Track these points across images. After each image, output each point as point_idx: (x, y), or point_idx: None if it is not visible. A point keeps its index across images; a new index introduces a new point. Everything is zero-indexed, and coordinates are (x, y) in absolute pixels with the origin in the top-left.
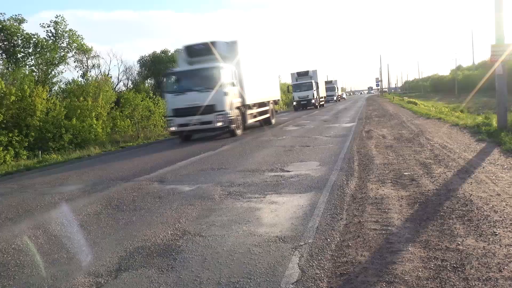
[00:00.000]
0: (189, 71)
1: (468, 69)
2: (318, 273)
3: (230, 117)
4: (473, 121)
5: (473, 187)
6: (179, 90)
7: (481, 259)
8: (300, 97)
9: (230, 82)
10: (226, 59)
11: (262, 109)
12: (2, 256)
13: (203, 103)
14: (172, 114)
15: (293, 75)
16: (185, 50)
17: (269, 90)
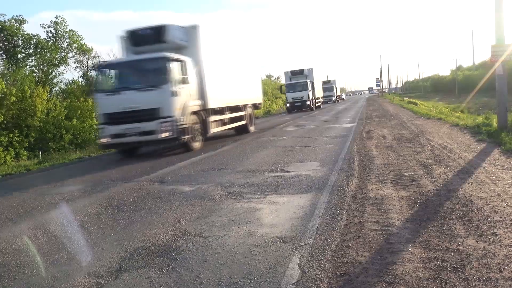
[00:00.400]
0: (125, 63)
1: (469, 69)
2: (318, 273)
3: (182, 125)
4: (474, 121)
5: (473, 188)
6: (112, 88)
7: (481, 260)
8: (294, 98)
9: (182, 78)
10: (182, 50)
11: (236, 114)
12: (3, 257)
13: (143, 106)
14: (103, 120)
15: (286, 74)
16: (128, 37)
17: (246, 92)
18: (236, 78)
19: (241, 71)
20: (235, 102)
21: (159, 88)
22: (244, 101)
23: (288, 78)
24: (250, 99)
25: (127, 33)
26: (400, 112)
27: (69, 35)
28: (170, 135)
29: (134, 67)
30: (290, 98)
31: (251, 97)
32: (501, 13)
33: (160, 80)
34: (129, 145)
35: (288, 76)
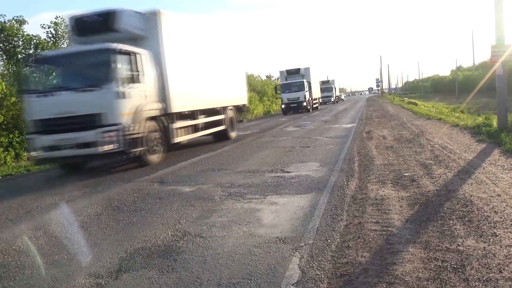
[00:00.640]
0: (63, 57)
1: (469, 69)
2: (318, 274)
3: (131, 134)
4: (474, 121)
5: (473, 188)
6: (46, 88)
7: (481, 260)
8: (289, 99)
9: (133, 76)
10: (140, 40)
11: (212, 118)
12: (3, 257)
13: (81, 111)
14: (34, 129)
15: (282, 73)
16: (72, 25)
17: (225, 92)
18: (212, 76)
19: (219, 68)
20: (211, 104)
21: (101, 89)
22: (223, 103)
23: (284, 78)
24: (231, 100)
25: (70, 21)
26: (400, 113)
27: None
28: (114, 148)
29: (73, 62)
30: (286, 98)
31: (233, 98)
32: (501, 14)
33: (102, 78)
34: (65, 160)
35: (284, 75)
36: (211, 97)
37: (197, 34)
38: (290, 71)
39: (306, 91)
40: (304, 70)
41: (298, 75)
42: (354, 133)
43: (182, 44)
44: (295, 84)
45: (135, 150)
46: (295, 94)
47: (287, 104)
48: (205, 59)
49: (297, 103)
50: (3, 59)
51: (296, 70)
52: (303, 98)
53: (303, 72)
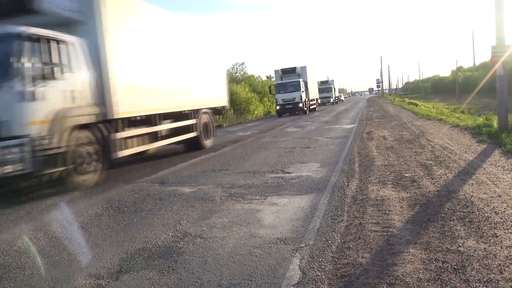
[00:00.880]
0: None
1: (469, 70)
2: (319, 275)
3: (45, 150)
4: (474, 122)
5: (474, 189)
6: None
7: (482, 261)
8: (284, 100)
9: (52, 69)
10: (74, 26)
11: (178, 124)
12: (3, 258)
13: None
14: None
15: (277, 72)
16: None
17: (198, 91)
18: (178, 73)
19: (188, 64)
20: (177, 106)
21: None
22: (195, 105)
23: (279, 77)
24: (206, 101)
25: None
26: (400, 113)
27: None
28: (17, 170)
29: None
30: (280, 99)
31: (208, 99)
32: (501, 14)
33: (2, 73)
34: None
35: (279, 75)
36: (177, 97)
37: (157, 21)
38: (286, 70)
39: (303, 91)
40: (300, 69)
41: (294, 74)
42: (354, 133)
43: (134, 34)
44: (290, 84)
45: (51, 171)
46: (290, 94)
47: (282, 106)
48: (168, 53)
49: (292, 104)
50: None
51: (292, 69)
52: (299, 98)
53: (299, 71)
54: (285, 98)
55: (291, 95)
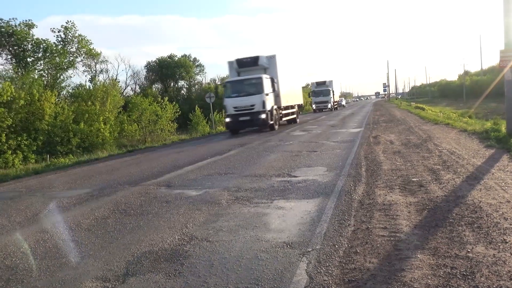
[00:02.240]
0: None
1: (476, 74)
2: (326, 279)
3: None
4: (482, 127)
5: (482, 194)
6: None
7: (491, 267)
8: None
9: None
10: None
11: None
12: (11, 260)
13: None
14: None
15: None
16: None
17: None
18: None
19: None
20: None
21: None
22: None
23: (234, 72)
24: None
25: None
26: (407, 117)
27: (78, 40)
28: None
29: None
30: (231, 107)
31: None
32: (510, 18)
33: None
34: None
35: (234, 68)
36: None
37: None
38: (244, 61)
39: (267, 94)
40: (266, 60)
41: (256, 67)
42: (361, 137)
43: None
44: (247, 83)
45: None
46: (247, 99)
47: (233, 117)
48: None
49: (250, 115)
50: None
51: (253, 60)
52: (261, 106)
53: (264, 63)
54: (238, 105)
55: (247, 100)
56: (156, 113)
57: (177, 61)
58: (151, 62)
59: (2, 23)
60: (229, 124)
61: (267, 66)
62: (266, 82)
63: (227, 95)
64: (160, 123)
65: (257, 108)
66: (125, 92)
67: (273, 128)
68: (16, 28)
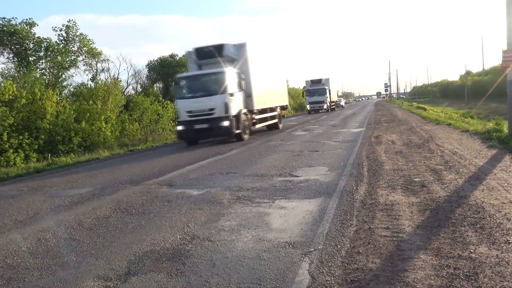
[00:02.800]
0: None
1: (478, 74)
2: (328, 280)
3: None
4: (484, 127)
5: (485, 194)
6: None
7: (494, 268)
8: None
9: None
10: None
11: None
12: (12, 259)
13: None
14: None
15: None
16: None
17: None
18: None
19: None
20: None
21: None
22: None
23: (194, 65)
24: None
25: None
26: (409, 117)
27: (80, 39)
28: None
29: None
30: (184, 113)
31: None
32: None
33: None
34: None
35: (193, 60)
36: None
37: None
38: (204, 50)
39: (231, 94)
40: (234, 50)
41: (220, 60)
42: (362, 137)
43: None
44: (205, 79)
45: None
46: (203, 101)
47: (187, 124)
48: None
49: (208, 122)
50: (14, 62)
51: (216, 50)
52: (222, 110)
53: (231, 55)
54: (193, 108)
55: (205, 103)
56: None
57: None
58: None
59: (4, 21)
60: (181, 133)
61: (235, 57)
62: (231, 78)
63: (179, 96)
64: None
65: (218, 112)
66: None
67: (240, 138)
68: (18, 27)
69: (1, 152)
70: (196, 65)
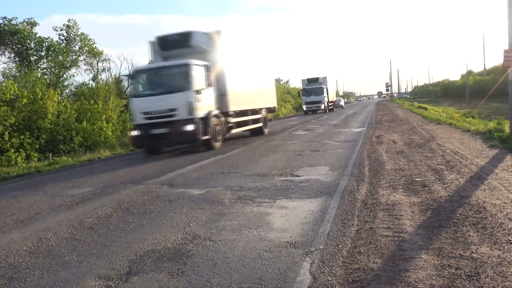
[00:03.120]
0: None
1: (479, 74)
2: (329, 279)
3: None
4: (485, 127)
5: (486, 194)
6: None
7: (496, 268)
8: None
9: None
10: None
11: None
12: (14, 258)
13: None
14: None
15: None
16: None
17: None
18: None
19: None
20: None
21: None
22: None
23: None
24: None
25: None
26: (410, 117)
27: (80, 38)
28: None
29: None
30: (140, 114)
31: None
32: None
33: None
34: None
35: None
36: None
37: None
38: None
39: (198, 92)
40: (204, 39)
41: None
42: (364, 137)
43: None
44: (165, 73)
45: None
46: (162, 100)
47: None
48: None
49: (168, 126)
50: (16, 62)
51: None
52: (185, 111)
53: (201, 45)
54: (150, 109)
55: (164, 102)
56: None
57: None
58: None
59: (5, 21)
60: (136, 140)
61: (206, 48)
62: (198, 72)
63: (135, 93)
64: None
65: (180, 114)
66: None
67: (210, 146)
68: (19, 27)
69: (3, 152)
70: (161, 57)
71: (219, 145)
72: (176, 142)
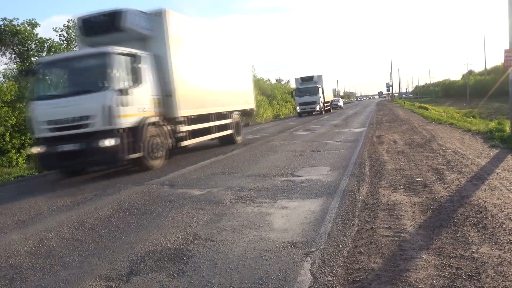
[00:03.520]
0: None
1: (480, 74)
2: (330, 280)
3: None
4: (486, 127)
5: (487, 194)
6: None
7: (497, 268)
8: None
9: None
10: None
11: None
12: (15, 259)
13: None
14: None
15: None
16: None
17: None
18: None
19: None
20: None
21: None
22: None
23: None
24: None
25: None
26: (411, 117)
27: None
28: None
29: None
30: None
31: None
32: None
33: None
34: None
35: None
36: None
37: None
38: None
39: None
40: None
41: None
42: (364, 137)
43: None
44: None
45: None
46: (72, 104)
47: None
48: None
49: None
50: (17, 62)
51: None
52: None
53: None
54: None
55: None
56: None
57: None
58: None
59: (6, 22)
60: (40, 159)
61: (146, 32)
62: (122, 65)
63: (36, 95)
64: None
65: (95, 123)
66: None
67: (144, 167)
68: (20, 28)
69: (4, 153)
70: (87, 46)
71: (159, 163)
72: (90, 163)
